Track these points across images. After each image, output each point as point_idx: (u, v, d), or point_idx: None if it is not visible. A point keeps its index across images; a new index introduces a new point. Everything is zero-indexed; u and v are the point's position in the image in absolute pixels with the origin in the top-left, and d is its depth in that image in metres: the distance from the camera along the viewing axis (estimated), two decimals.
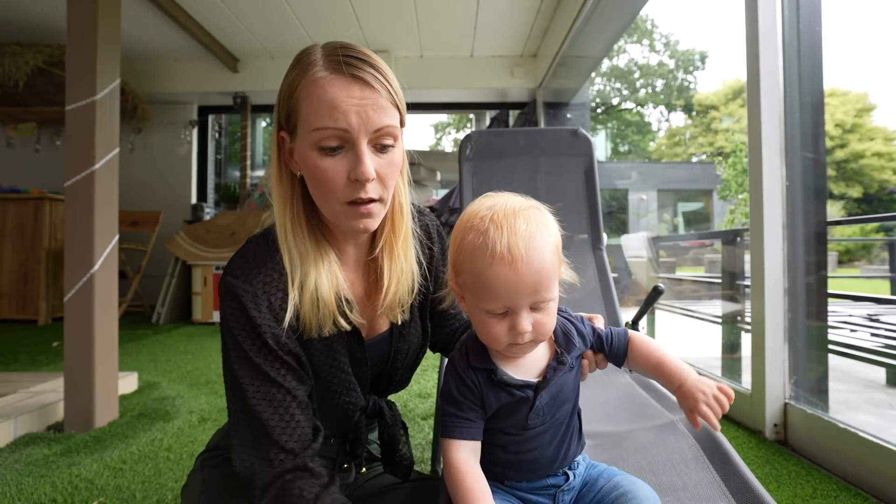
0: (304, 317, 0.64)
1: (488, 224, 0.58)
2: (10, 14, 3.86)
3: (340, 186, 0.61)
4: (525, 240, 0.57)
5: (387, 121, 0.61)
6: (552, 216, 0.63)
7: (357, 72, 0.60)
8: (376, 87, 0.60)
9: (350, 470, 0.80)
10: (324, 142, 0.60)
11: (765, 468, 1.47)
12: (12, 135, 4.95)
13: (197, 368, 2.68)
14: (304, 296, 0.63)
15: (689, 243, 9.58)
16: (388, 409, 0.80)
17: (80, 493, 1.31)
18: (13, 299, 4.14)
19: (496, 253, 0.57)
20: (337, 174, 0.60)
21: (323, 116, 0.59)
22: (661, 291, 1.45)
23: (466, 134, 1.72)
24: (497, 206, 0.61)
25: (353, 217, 0.63)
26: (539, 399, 0.63)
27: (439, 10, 4.04)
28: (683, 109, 21.08)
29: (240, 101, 5.18)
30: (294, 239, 0.64)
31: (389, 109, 0.62)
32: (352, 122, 0.59)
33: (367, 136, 0.60)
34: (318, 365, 0.69)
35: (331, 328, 0.65)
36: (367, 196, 0.61)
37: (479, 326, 0.63)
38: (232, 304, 0.63)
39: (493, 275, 0.57)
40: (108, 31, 1.84)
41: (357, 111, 0.59)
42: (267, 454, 0.61)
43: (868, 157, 15.16)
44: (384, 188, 0.64)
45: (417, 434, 1.76)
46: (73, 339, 1.76)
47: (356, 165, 0.60)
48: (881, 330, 2.62)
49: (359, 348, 0.71)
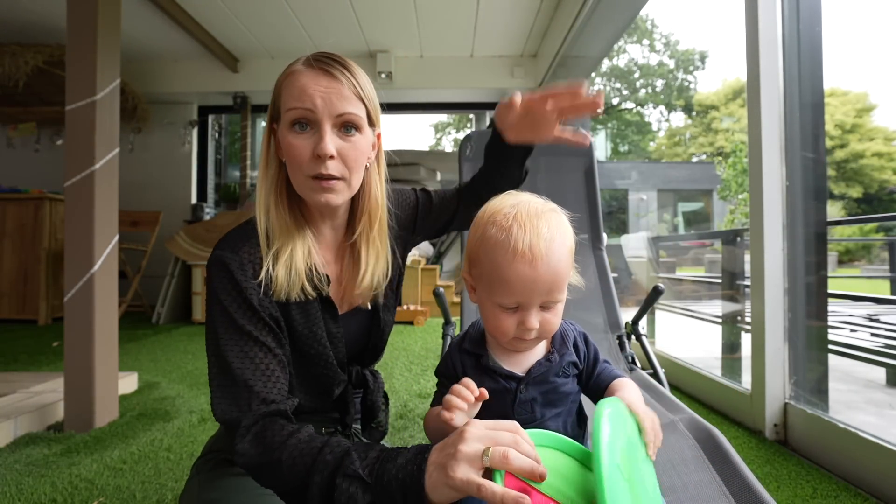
0: (277, 280, 0.71)
1: (511, 222, 0.61)
2: (9, 14, 3.86)
3: (306, 161, 0.70)
4: (546, 241, 0.60)
5: (349, 108, 0.70)
6: (568, 222, 0.66)
7: (325, 66, 0.70)
8: (341, 79, 0.70)
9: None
10: (295, 121, 0.70)
11: (765, 468, 1.47)
12: (12, 135, 4.95)
13: (197, 368, 2.68)
14: (279, 262, 0.71)
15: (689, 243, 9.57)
16: (371, 377, 0.86)
17: (80, 493, 1.31)
18: (13, 299, 4.14)
19: (518, 250, 0.59)
20: (303, 149, 0.70)
21: (294, 98, 0.69)
22: (661, 291, 1.46)
23: (466, 134, 1.72)
24: (521, 206, 0.63)
25: (316, 191, 0.71)
26: (522, 392, 0.66)
27: (439, 10, 4.04)
28: (683, 109, 21.08)
29: (240, 101, 5.18)
30: (276, 215, 0.73)
31: (353, 100, 0.71)
32: (316, 104, 0.69)
33: (331, 120, 0.70)
34: (296, 332, 0.74)
35: (298, 293, 0.72)
36: (328, 172, 0.69)
37: (488, 318, 0.66)
38: (220, 273, 0.70)
39: (513, 271, 0.60)
40: (108, 31, 1.84)
41: (322, 96, 0.69)
42: (249, 403, 0.66)
43: (868, 157, 15.15)
44: (346, 169, 0.71)
45: (417, 434, 1.76)
46: (73, 339, 1.76)
47: (318, 143, 0.69)
48: (881, 330, 2.62)
49: (332, 322, 0.77)
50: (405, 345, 3.28)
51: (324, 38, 4.52)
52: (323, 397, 0.81)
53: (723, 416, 1.95)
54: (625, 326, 1.52)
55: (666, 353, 2.61)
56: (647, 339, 1.47)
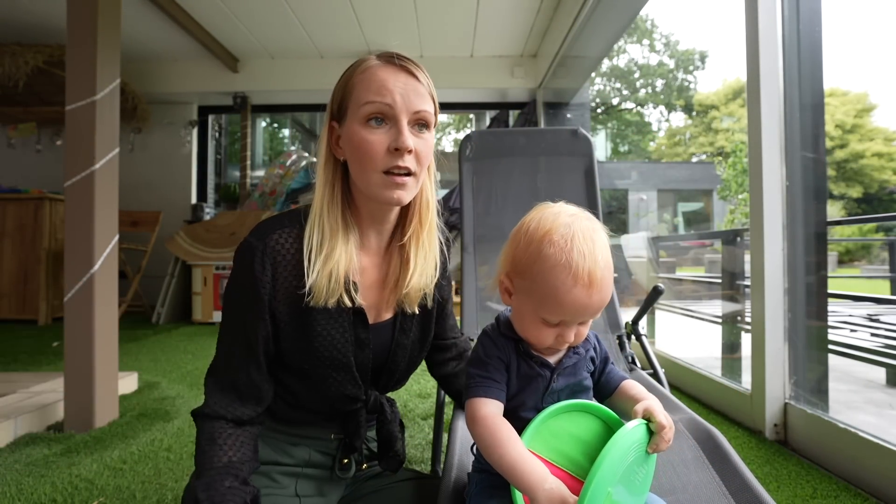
0: (318, 286, 0.71)
1: (571, 245, 0.62)
2: (10, 14, 3.86)
3: (381, 156, 0.70)
4: (602, 269, 0.62)
5: (425, 106, 0.72)
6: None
7: (404, 63, 0.72)
8: (419, 77, 0.72)
9: (350, 465, 0.82)
10: (371, 115, 0.70)
11: (765, 468, 1.47)
12: (12, 135, 4.95)
13: (197, 368, 2.68)
14: (326, 267, 0.71)
15: (689, 243, 9.57)
16: (388, 406, 0.83)
17: (80, 493, 1.31)
18: (13, 299, 4.14)
19: (577, 277, 0.61)
20: (379, 144, 0.69)
21: (372, 93, 0.69)
22: (661, 291, 1.46)
23: (466, 134, 1.72)
24: (576, 227, 0.64)
25: (388, 187, 0.70)
26: (555, 381, 0.68)
27: (439, 10, 4.04)
28: (683, 109, 21.07)
29: (240, 101, 5.18)
30: (328, 216, 0.73)
31: (427, 99, 0.73)
32: (396, 100, 0.69)
33: (408, 116, 0.70)
34: (318, 336, 0.73)
35: (334, 302, 0.72)
36: (405, 165, 0.70)
37: (526, 326, 0.67)
38: (241, 258, 0.73)
39: (570, 296, 0.62)
40: (108, 31, 1.84)
41: (401, 92, 0.70)
42: (220, 388, 0.73)
43: (868, 157, 15.15)
44: (419, 165, 0.72)
45: (417, 434, 1.76)
46: (73, 339, 1.76)
47: (397, 136, 0.69)
48: (881, 330, 2.62)
49: (363, 329, 0.76)
50: None
51: (324, 37, 4.52)
52: (333, 411, 0.80)
53: (723, 416, 1.95)
54: (625, 326, 1.52)
55: (666, 353, 2.61)
56: (646, 339, 1.47)
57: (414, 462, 1.54)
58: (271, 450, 0.79)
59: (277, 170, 4.93)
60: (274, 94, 5.26)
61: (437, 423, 1.21)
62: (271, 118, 7.66)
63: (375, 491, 0.82)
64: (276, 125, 8.09)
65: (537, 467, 0.59)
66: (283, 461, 0.79)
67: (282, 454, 0.79)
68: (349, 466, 0.82)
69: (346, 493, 0.83)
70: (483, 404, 0.65)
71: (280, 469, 0.78)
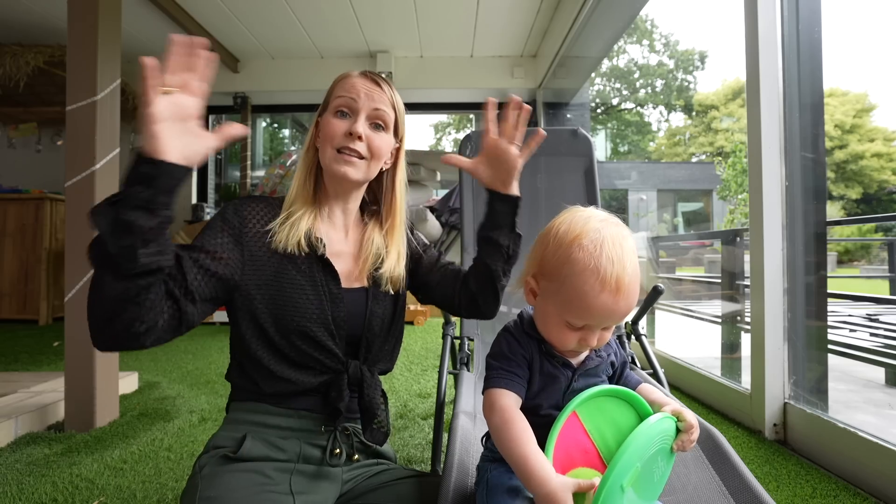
0: (280, 229, 0.84)
1: (601, 251, 0.63)
2: (10, 14, 3.87)
3: (339, 137, 0.85)
4: (630, 276, 0.64)
5: (383, 108, 0.88)
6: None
7: (374, 76, 0.90)
8: (383, 87, 0.89)
9: (341, 455, 0.83)
10: (339, 107, 0.87)
11: (764, 468, 1.47)
12: (13, 135, 4.95)
13: (197, 368, 2.68)
14: (288, 219, 0.85)
15: (688, 243, 9.57)
16: (369, 374, 0.87)
17: (80, 493, 1.32)
18: (14, 299, 4.14)
19: (605, 282, 0.62)
20: (339, 128, 0.86)
21: (343, 91, 0.87)
22: (660, 291, 1.46)
23: (466, 134, 1.72)
24: (605, 232, 0.65)
25: (338, 162, 0.85)
26: (575, 381, 0.70)
27: (439, 11, 4.04)
28: (683, 109, 21.08)
29: (240, 101, 5.18)
30: (301, 190, 0.89)
31: (387, 104, 0.89)
32: (360, 97, 0.86)
33: (367, 112, 0.87)
34: (291, 283, 0.82)
35: (295, 245, 0.83)
36: (355, 148, 0.85)
37: (550, 328, 0.69)
38: (216, 213, 0.84)
39: (598, 301, 0.63)
40: (108, 31, 1.85)
41: (366, 93, 0.87)
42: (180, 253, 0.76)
43: (867, 157, 15.16)
44: (370, 153, 0.87)
45: (417, 434, 1.76)
46: (73, 339, 1.77)
47: (352, 124, 0.85)
48: (880, 330, 2.62)
49: (335, 284, 0.85)
50: (405, 345, 3.28)
51: (324, 38, 4.52)
52: (318, 383, 0.82)
53: (722, 416, 1.95)
54: (624, 326, 1.52)
55: (666, 353, 2.61)
56: (646, 339, 1.48)
57: (414, 462, 1.54)
58: (263, 445, 0.79)
59: (277, 170, 4.93)
60: (274, 95, 5.26)
61: (437, 423, 1.21)
62: (271, 118, 7.66)
63: (375, 488, 0.82)
64: (276, 125, 8.09)
65: (544, 466, 0.60)
66: (276, 457, 0.80)
67: (274, 449, 0.80)
68: (340, 456, 0.83)
69: (344, 491, 0.83)
70: (502, 395, 0.66)
71: (273, 465, 0.79)
